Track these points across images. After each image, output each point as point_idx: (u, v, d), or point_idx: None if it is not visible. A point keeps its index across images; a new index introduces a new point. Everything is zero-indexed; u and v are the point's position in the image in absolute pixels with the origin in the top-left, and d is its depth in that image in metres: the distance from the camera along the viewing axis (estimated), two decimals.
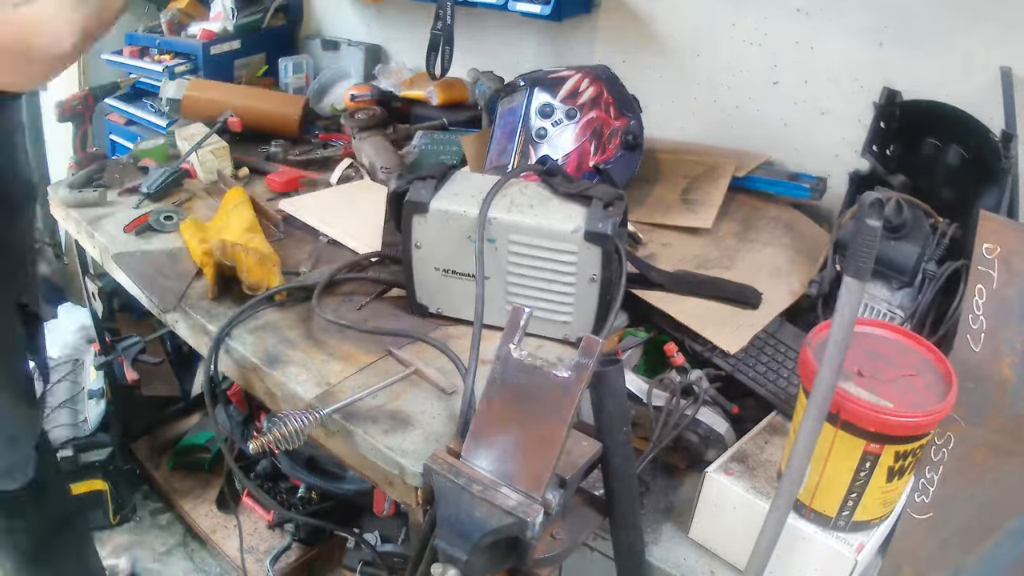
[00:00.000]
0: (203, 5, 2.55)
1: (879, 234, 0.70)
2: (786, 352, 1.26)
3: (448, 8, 1.79)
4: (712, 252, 1.49)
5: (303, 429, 0.99)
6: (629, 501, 0.93)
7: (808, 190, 1.60)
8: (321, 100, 2.32)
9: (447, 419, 1.07)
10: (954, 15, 1.41)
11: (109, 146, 2.55)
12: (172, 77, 2.28)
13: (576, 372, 0.83)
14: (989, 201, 1.28)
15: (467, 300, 1.17)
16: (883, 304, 1.28)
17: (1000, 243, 1.15)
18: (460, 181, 1.25)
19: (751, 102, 1.75)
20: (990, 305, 1.12)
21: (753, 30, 1.68)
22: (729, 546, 1.03)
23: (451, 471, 0.86)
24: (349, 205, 1.65)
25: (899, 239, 1.27)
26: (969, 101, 1.34)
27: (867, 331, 0.98)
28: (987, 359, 1.10)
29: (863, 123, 1.46)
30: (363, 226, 1.53)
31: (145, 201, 1.66)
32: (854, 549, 0.93)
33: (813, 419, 0.80)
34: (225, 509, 2.16)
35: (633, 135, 1.55)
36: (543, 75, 1.57)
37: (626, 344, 1.30)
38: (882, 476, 0.90)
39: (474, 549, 0.80)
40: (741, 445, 1.09)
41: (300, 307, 1.32)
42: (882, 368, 0.93)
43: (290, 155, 1.94)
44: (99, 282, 2.09)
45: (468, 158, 1.69)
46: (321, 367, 1.17)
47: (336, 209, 1.61)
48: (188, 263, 1.43)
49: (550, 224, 1.14)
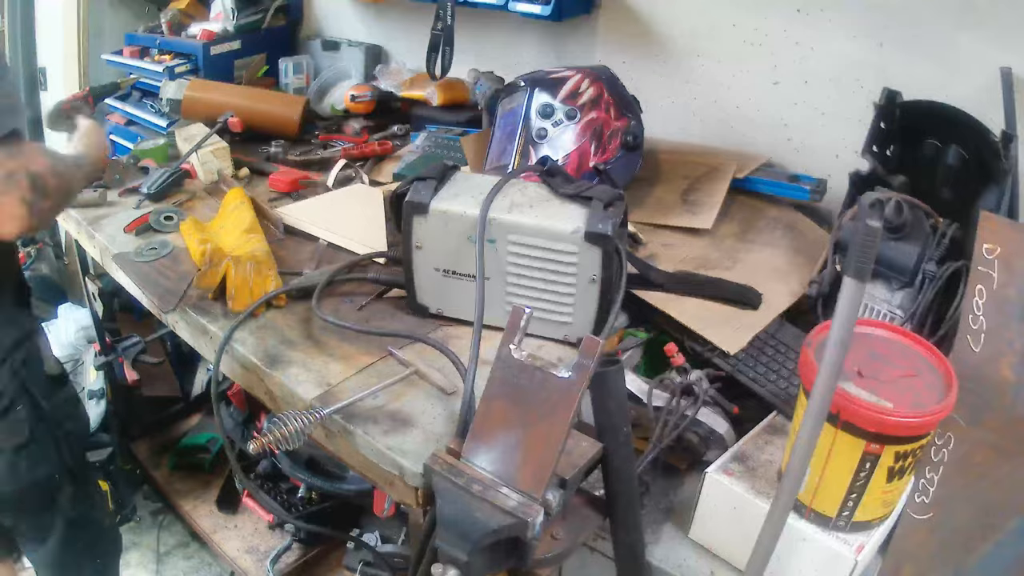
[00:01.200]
0: (203, 5, 2.55)
1: (879, 234, 0.70)
2: (786, 352, 1.26)
3: (448, 8, 1.79)
4: (712, 253, 1.49)
5: (303, 429, 0.99)
6: (629, 501, 0.93)
7: (808, 192, 1.60)
8: (321, 100, 2.32)
9: (447, 419, 1.07)
10: (954, 15, 1.41)
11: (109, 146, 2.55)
12: (172, 77, 2.28)
13: (576, 373, 0.83)
14: (989, 201, 1.28)
15: (467, 300, 1.17)
16: (883, 304, 1.28)
17: (1000, 243, 1.15)
18: (460, 182, 1.25)
19: (751, 102, 1.75)
20: (990, 305, 1.12)
21: (753, 30, 1.68)
22: (729, 546, 1.03)
23: (451, 471, 0.86)
24: (347, 208, 1.64)
25: (899, 239, 1.27)
26: (969, 101, 1.34)
27: (867, 331, 0.98)
28: (987, 359, 1.10)
29: (863, 123, 1.46)
30: (366, 228, 1.54)
31: (145, 201, 1.66)
32: (854, 549, 0.93)
33: (813, 419, 0.80)
34: (225, 509, 2.16)
35: (633, 136, 1.56)
36: (543, 75, 1.57)
37: (626, 344, 1.30)
38: (882, 476, 0.90)
39: (474, 549, 0.80)
40: (741, 445, 1.09)
41: (300, 307, 1.32)
42: (882, 368, 0.93)
43: (290, 155, 1.94)
44: (99, 282, 2.09)
45: (468, 158, 1.69)
46: (321, 368, 1.17)
47: (335, 213, 1.61)
48: (188, 264, 1.43)
49: (550, 224, 1.14)
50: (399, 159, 1.89)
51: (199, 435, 2.35)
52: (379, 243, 1.49)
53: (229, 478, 2.20)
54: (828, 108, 1.63)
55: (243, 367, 1.22)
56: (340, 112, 2.23)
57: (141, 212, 1.61)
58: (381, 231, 1.52)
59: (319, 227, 1.56)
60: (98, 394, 2.31)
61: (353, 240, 1.51)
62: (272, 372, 1.17)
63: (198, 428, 2.41)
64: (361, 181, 1.81)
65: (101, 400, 2.30)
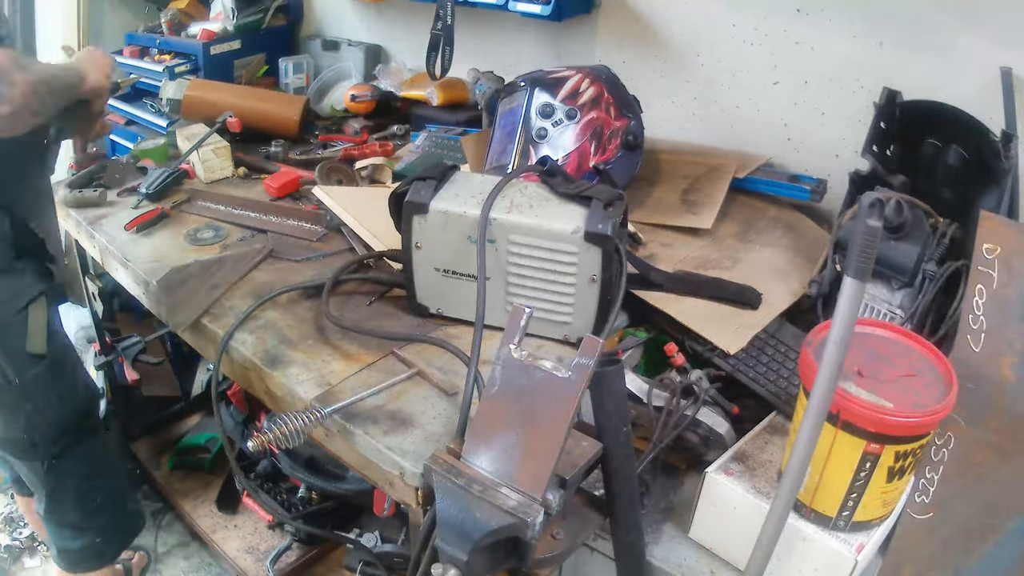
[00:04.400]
0: (203, 5, 2.55)
1: (879, 234, 0.70)
2: (786, 352, 1.26)
3: (448, 8, 1.79)
4: (712, 253, 1.49)
5: (303, 428, 0.99)
6: (629, 501, 0.93)
7: (808, 192, 1.60)
8: (321, 100, 2.32)
9: (447, 419, 1.07)
10: (954, 15, 1.41)
11: (109, 146, 2.55)
12: (172, 77, 2.28)
13: (576, 372, 0.83)
14: (989, 201, 1.29)
15: (467, 300, 1.17)
16: (883, 304, 1.28)
17: (1000, 243, 1.15)
18: (460, 182, 1.25)
19: (751, 102, 1.75)
20: (990, 305, 1.12)
21: (753, 30, 1.68)
22: (729, 546, 1.03)
23: (451, 471, 0.86)
24: (377, 203, 1.61)
25: (899, 239, 1.27)
26: (969, 101, 1.34)
27: (867, 331, 0.98)
28: (987, 359, 1.10)
29: (863, 123, 1.46)
30: (388, 227, 1.51)
31: (144, 201, 1.66)
32: (854, 549, 0.93)
33: (813, 419, 0.80)
34: (225, 509, 2.16)
35: (633, 135, 1.56)
36: (543, 75, 1.57)
37: (626, 344, 1.30)
38: (882, 476, 0.90)
39: (474, 549, 0.80)
40: (741, 445, 1.09)
41: (301, 307, 1.32)
42: (882, 368, 0.93)
43: (290, 155, 1.94)
44: (99, 282, 2.09)
45: (468, 158, 1.69)
46: (322, 367, 1.17)
47: (368, 205, 1.58)
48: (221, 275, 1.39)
49: (550, 225, 1.14)
50: (398, 159, 1.89)
51: (199, 435, 2.35)
52: (395, 243, 1.46)
53: (229, 478, 2.20)
54: (828, 108, 1.63)
55: (243, 367, 1.22)
56: (340, 112, 2.23)
57: (141, 211, 1.61)
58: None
59: (349, 214, 1.54)
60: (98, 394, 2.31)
61: (374, 235, 1.48)
62: (272, 372, 1.17)
63: (198, 428, 2.41)
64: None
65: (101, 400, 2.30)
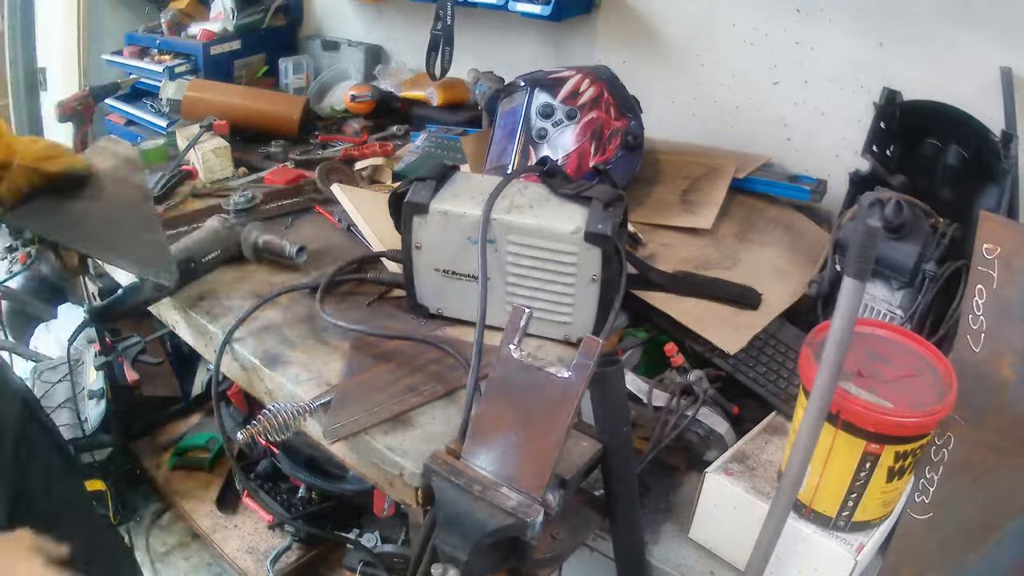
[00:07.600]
0: (203, 5, 2.56)
1: (879, 234, 0.70)
2: (786, 352, 1.26)
3: (448, 8, 1.79)
4: (712, 253, 1.49)
5: (291, 420, 1.00)
6: (629, 501, 0.93)
7: (808, 192, 1.60)
8: (321, 100, 2.32)
9: (447, 419, 1.07)
10: (954, 15, 1.41)
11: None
12: (172, 77, 2.29)
13: (576, 372, 0.83)
14: (989, 201, 1.29)
15: (467, 301, 1.17)
16: (883, 304, 1.28)
17: (1000, 243, 1.14)
18: (460, 182, 1.25)
19: (751, 102, 1.75)
20: (990, 305, 1.12)
21: (753, 30, 1.68)
22: (729, 546, 1.03)
23: (451, 471, 0.86)
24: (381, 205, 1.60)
25: (899, 239, 1.26)
26: (969, 101, 1.34)
27: (867, 331, 0.98)
28: (987, 359, 1.10)
29: (863, 123, 1.46)
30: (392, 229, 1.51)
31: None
32: (854, 549, 0.93)
33: (813, 419, 0.80)
34: (225, 509, 2.16)
35: (633, 136, 1.55)
36: (543, 75, 1.57)
37: (626, 344, 1.30)
38: (882, 476, 0.90)
39: (474, 549, 0.80)
40: (741, 445, 1.09)
41: (301, 307, 1.32)
42: (882, 368, 0.93)
43: (290, 155, 1.94)
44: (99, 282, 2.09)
45: (468, 158, 1.69)
46: (321, 367, 1.17)
47: (373, 206, 1.56)
48: None
49: (550, 225, 1.14)
50: (398, 160, 1.89)
51: (199, 435, 2.35)
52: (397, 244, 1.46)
53: (229, 478, 2.20)
54: (828, 108, 1.63)
55: (243, 367, 1.22)
56: (340, 112, 2.23)
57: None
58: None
59: (358, 212, 1.54)
60: (98, 394, 2.30)
61: (377, 236, 1.48)
62: (272, 371, 1.17)
63: (198, 428, 2.41)
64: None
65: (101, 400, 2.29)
